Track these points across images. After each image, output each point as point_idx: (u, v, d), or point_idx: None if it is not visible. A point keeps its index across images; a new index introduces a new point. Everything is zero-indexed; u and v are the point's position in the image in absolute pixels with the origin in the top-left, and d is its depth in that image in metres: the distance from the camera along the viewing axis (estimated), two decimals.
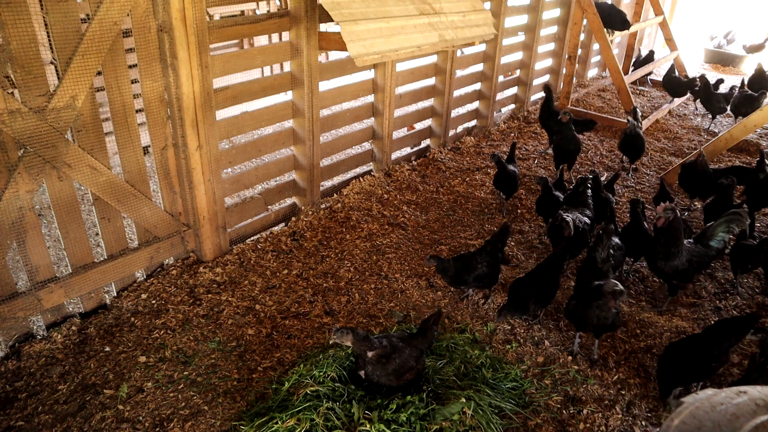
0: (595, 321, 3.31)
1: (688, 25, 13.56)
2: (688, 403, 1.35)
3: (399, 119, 6.08)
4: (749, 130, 5.82)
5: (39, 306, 3.46)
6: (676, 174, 6.05)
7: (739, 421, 1.22)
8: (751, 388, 1.32)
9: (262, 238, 4.76)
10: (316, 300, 4.02)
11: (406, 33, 4.46)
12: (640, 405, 3.20)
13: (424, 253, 4.65)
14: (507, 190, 5.33)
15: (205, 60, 3.77)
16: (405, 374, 2.93)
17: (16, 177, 3.14)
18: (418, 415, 2.79)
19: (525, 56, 7.98)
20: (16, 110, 2.99)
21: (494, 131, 7.54)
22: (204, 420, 3.00)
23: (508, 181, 5.24)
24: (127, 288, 4.03)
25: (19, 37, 2.91)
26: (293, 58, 4.53)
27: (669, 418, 1.37)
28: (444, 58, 6.23)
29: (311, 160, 5.00)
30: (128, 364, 3.37)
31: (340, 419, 2.76)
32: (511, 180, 5.25)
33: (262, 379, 3.28)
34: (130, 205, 3.76)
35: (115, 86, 3.45)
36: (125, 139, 3.64)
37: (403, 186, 5.82)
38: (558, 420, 3.07)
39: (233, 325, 3.74)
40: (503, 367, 3.36)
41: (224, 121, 4.26)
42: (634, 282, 4.39)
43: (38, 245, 3.40)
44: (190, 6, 3.54)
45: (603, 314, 3.27)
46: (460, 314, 3.91)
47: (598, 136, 7.56)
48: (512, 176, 5.24)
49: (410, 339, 3.05)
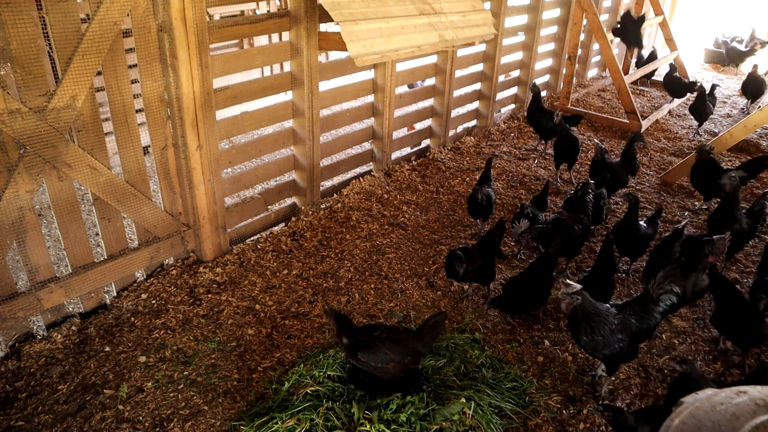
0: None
1: (688, 25, 13.56)
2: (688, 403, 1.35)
3: (399, 119, 6.08)
4: (749, 130, 5.81)
5: (39, 306, 3.46)
6: (677, 174, 6.06)
7: (739, 421, 1.22)
8: (751, 388, 1.32)
9: (262, 238, 4.76)
10: (316, 300, 4.02)
11: (406, 33, 4.46)
12: (640, 405, 3.20)
13: (424, 253, 4.65)
14: (480, 214, 4.84)
15: (205, 60, 3.77)
16: (386, 366, 2.89)
17: (16, 177, 3.14)
18: (418, 416, 2.78)
19: (525, 56, 7.98)
20: (16, 110, 2.99)
21: (494, 131, 7.54)
22: (204, 420, 3.00)
23: (479, 205, 4.71)
24: (127, 288, 4.03)
25: (19, 37, 2.91)
26: (293, 58, 4.53)
27: (669, 417, 1.37)
28: (444, 58, 6.23)
29: (311, 160, 5.01)
30: (128, 364, 3.37)
31: (340, 419, 2.76)
32: (483, 204, 4.70)
33: (262, 379, 3.28)
34: (130, 205, 3.76)
35: (115, 86, 3.45)
36: (125, 139, 3.64)
37: (403, 186, 5.82)
38: (558, 420, 3.07)
39: (233, 325, 3.74)
40: (503, 367, 3.36)
41: (224, 121, 4.26)
42: (633, 282, 4.38)
43: (38, 245, 3.40)
44: (190, 6, 3.54)
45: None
46: (460, 314, 3.91)
47: (598, 136, 7.57)
48: (484, 199, 4.69)
49: (400, 334, 3.00)
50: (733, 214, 4.31)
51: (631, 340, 3.01)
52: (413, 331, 3.10)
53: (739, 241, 4.32)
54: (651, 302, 3.14)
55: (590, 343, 3.02)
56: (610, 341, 2.99)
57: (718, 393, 1.35)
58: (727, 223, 4.28)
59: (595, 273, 3.71)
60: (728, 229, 4.17)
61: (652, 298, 3.14)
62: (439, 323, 3.07)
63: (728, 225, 4.25)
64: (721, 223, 4.32)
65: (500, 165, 6.50)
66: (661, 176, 6.20)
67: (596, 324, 2.98)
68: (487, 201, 4.73)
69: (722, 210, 4.38)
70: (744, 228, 4.31)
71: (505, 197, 5.71)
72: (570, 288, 2.99)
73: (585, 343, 3.04)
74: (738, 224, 4.27)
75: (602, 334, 2.98)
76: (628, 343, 3.00)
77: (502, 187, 5.95)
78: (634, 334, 3.03)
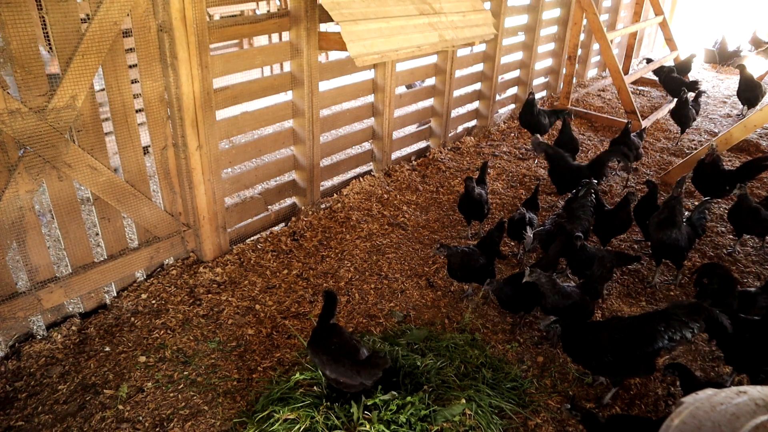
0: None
1: (688, 25, 13.56)
2: (688, 403, 1.35)
3: (399, 119, 6.08)
4: (749, 130, 5.81)
5: (39, 306, 3.46)
6: (677, 174, 6.05)
7: (739, 421, 1.22)
8: (751, 388, 1.32)
9: (262, 238, 4.76)
10: (316, 300, 4.02)
11: (406, 33, 4.46)
12: (639, 405, 3.20)
13: (424, 253, 4.65)
14: (472, 215, 4.81)
15: (205, 60, 3.77)
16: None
17: (16, 177, 3.14)
18: (419, 416, 2.78)
19: (525, 56, 7.98)
20: (16, 110, 2.99)
21: (494, 131, 7.54)
22: (204, 420, 3.00)
23: (472, 205, 4.68)
24: (127, 288, 4.02)
25: (19, 37, 2.91)
26: (293, 58, 4.53)
27: (669, 417, 1.37)
28: (444, 58, 6.23)
29: (311, 160, 5.00)
30: (128, 364, 3.37)
31: (340, 419, 2.76)
32: (476, 205, 4.67)
33: (262, 379, 3.28)
34: (130, 205, 3.76)
35: (115, 86, 3.45)
36: (125, 139, 3.64)
37: (403, 186, 5.82)
38: (558, 420, 3.07)
39: (233, 325, 3.74)
40: (503, 367, 3.36)
41: (224, 121, 4.26)
42: (633, 282, 4.38)
43: (38, 245, 3.40)
44: (190, 6, 3.54)
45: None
46: (460, 314, 3.91)
47: (598, 136, 7.56)
48: (476, 201, 4.64)
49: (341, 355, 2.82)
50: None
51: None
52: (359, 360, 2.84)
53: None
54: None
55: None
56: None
57: (718, 393, 1.35)
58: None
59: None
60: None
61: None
62: (383, 362, 2.80)
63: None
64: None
65: (500, 165, 6.50)
66: (661, 176, 6.20)
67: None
68: (479, 200, 4.64)
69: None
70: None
71: (505, 197, 5.71)
72: (547, 320, 3.18)
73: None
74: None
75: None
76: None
77: (502, 187, 5.94)
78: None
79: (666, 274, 4.45)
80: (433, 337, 3.56)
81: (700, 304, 2.95)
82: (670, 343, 2.88)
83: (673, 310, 2.95)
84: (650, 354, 2.92)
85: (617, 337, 2.96)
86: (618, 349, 2.95)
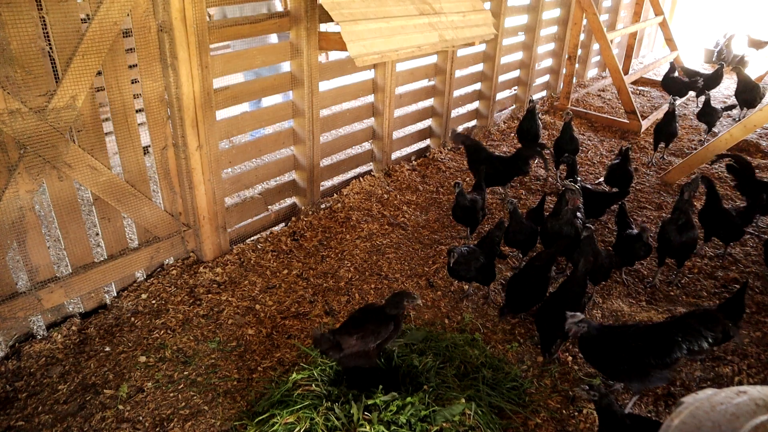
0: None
1: (688, 25, 13.55)
2: (688, 403, 1.35)
3: (399, 119, 6.08)
4: (749, 130, 5.81)
5: (39, 306, 3.46)
6: (677, 174, 6.06)
7: (739, 421, 1.22)
8: (751, 388, 1.32)
9: (262, 238, 4.76)
10: (316, 300, 4.02)
11: (406, 33, 4.46)
12: (639, 404, 3.20)
13: (424, 253, 4.65)
14: (464, 222, 4.71)
15: (205, 60, 3.77)
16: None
17: (16, 177, 3.14)
18: (419, 417, 2.78)
19: (525, 56, 7.97)
20: (16, 110, 2.99)
21: (494, 131, 7.54)
22: (204, 420, 3.00)
23: (464, 212, 4.57)
24: (127, 288, 4.03)
25: (19, 37, 2.91)
26: (293, 58, 4.53)
27: (669, 417, 1.37)
28: (444, 58, 6.23)
29: (311, 160, 5.01)
30: (128, 364, 3.37)
31: (340, 420, 2.76)
32: (468, 211, 4.55)
33: (262, 379, 3.28)
34: (130, 205, 3.76)
35: (115, 86, 3.45)
36: (125, 139, 3.64)
37: (403, 186, 5.82)
38: (558, 420, 3.07)
39: (233, 325, 3.74)
40: (503, 367, 3.36)
41: (224, 121, 4.26)
42: (633, 282, 4.38)
43: (38, 245, 3.40)
44: (190, 6, 3.54)
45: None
46: (460, 314, 3.91)
47: (598, 136, 7.56)
48: (468, 208, 4.52)
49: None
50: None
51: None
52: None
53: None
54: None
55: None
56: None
57: (718, 393, 1.35)
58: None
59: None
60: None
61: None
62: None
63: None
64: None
65: None
66: (661, 176, 6.20)
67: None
68: (471, 204, 4.51)
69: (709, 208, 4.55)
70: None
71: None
72: (575, 318, 3.02)
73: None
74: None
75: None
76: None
77: (502, 186, 5.94)
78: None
79: (665, 274, 4.46)
80: (433, 337, 3.56)
81: (715, 314, 2.95)
82: (689, 355, 2.87)
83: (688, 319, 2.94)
84: (668, 363, 2.89)
85: (635, 346, 2.93)
86: (634, 357, 2.92)
